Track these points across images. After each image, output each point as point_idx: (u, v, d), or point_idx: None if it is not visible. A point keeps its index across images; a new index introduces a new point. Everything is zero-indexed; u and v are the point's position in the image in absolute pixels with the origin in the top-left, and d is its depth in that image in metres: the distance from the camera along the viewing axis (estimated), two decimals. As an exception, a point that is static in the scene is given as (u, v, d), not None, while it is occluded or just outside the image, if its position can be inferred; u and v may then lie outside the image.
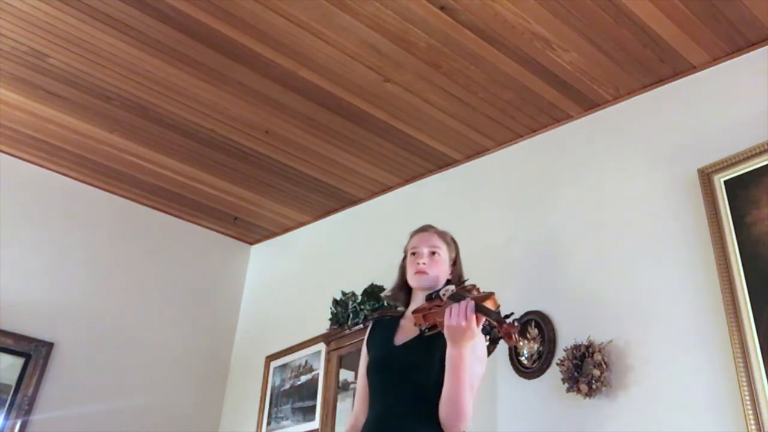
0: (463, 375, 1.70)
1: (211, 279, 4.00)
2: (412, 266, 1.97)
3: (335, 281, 3.17)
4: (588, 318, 2.40)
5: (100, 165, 3.47)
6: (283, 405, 3.38)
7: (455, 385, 1.70)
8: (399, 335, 1.95)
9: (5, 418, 3.06)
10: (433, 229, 2.08)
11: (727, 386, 1.99)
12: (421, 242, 2.01)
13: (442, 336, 1.76)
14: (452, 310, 1.69)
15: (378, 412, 1.83)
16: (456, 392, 1.70)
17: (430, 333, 1.81)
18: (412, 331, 1.89)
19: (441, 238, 2.04)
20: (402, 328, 1.97)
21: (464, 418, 1.71)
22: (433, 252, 1.98)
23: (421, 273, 1.95)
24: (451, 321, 1.67)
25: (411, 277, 1.98)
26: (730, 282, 2.07)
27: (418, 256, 1.97)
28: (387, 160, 3.27)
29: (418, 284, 1.96)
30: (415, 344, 1.86)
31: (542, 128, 2.93)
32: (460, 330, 1.66)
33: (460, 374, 1.69)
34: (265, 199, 3.72)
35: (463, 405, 1.70)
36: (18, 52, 2.71)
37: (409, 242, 2.07)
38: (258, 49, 2.59)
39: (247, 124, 3.07)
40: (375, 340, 2.00)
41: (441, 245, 2.01)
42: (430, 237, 2.03)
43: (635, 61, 2.50)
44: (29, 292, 3.31)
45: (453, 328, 1.67)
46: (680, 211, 2.32)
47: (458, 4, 2.31)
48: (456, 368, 1.70)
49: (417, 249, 1.99)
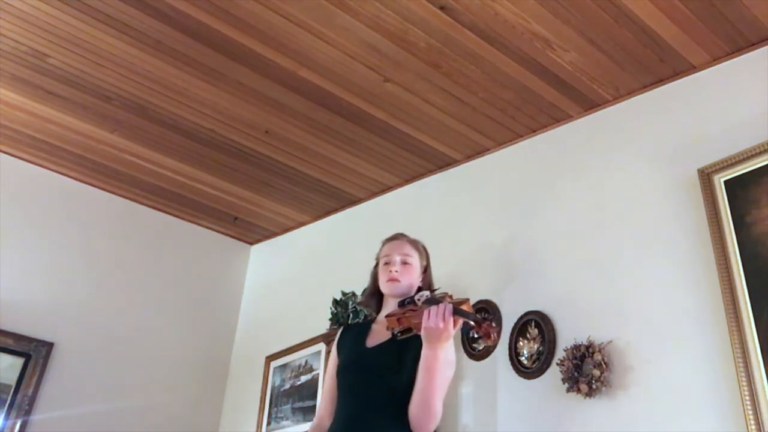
0: (436, 376, 1.75)
1: (211, 279, 4.00)
2: (384, 274, 2.05)
3: (335, 281, 3.17)
4: (588, 318, 2.40)
5: (100, 165, 3.47)
6: (283, 405, 3.38)
7: (428, 385, 1.75)
8: (370, 338, 2.00)
9: (5, 418, 3.06)
10: (405, 237, 2.16)
11: (727, 386, 1.99)
12: (393, 250, 2.08)
13: (414, 339, 1.83)
14: (431, 312, 1.75)
15: (348, 412, 1.86)
16: (428, 392, 1.75)
17: (402, 337, 1.87)
18: (384, 335, 1.95)
19: (413, 246, 2.12)
20: (374, 332, 2.03)
21: (434, 418, 1.76)
22: (405, 261, 2.05)
23: (394, 281, 2.02)
24: (429, 323, 1.73)
25: (383, 284, 2.05)
26: (730, 282, 2.07)
27: (390, 264, 2.05)
28: (387, 160, 3.27)
29: (391, 291, 2.02)
30: (387, 346, 1.92)
31: (542, 128, 2.93)
32: (438, 331, 1.72)
33: (433, 375, 1.75)
34: (265, 199, 3.72)
35: (435, 405, 1.75)
36: (18, 52, 2.71)
37: (381, 250, 2.15)
38: (258, 49, 2.59)
39: (247, 124, 3.07)
40: (346, 342, 2.05)
41: (413, 253, 2.09)
42: (402, 245, 2.10)
43: (635, 61, 2.50)
44: (29, 292, 3.31)
45: (431, 329, 1.73)
46: (680, 211, 2.32)
47: (458, 4, 2.31)
48: (430, 369, 1.75)
49: (389, 257, 2.07)
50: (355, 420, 1.84)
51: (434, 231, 3.08)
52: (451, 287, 2.24)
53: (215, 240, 4.08)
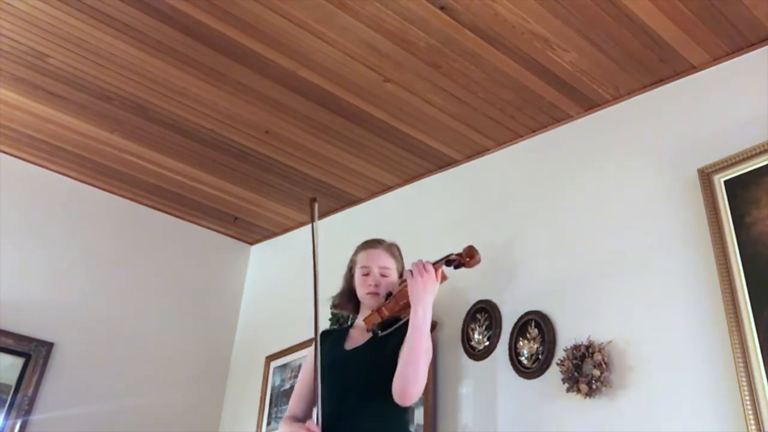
0: (422, 338, 1.78)
1: (211, 279, 3.99)
2: (364, 286, 2.07)
3: (335, 281, 3.17)
4: (588, 318, 2.40)
5: (100, 165, 3.47)
6: (283, 405, 3.38)
7: (416, 345, 1.77)
8: (348, 342, 2.04)
9: (5, 418, 3.06)
10: (382, 245, 2.17)
11: (727, 386, 1.99)
12: (372, 262, 2.10)
13: (392, 336, 1.88)
14: (413, 271, 1.85)
15: (331, 412, 1.86)
16: (416, 354, 1.77)
17: (383, 333, 1.92)
18: (363, 337, 2.00)
19: (390, 255, 2.16)
20: (351, 337, 2.07)
21: (420, 381, 1.77)
22: (383, 274, 2.08)
23: (374, 294, 2.04)
24: (415, 276, 1.82)
25: (363, 295, 2.08)
26: (730, 282, 2.07)
27: (370, 277, 2.07)
28: (387, 160, 3.27)
29: (371, 304, 2.05)
30: (367, 346, 1.96)
31: (542, 128, 2.93)
32: (423, 283, 1.81)
33: (420, 336, 1.78)
34: (265, 199, 3.72)
35: (421, 368, 1.77)
36: (18, 52, 2.71)
37: (357, 255, 2.16)
38: (258, 49, 2.59)
39: (247, 124, 3.07)
40: (326, 347, 2.06)
41: (391, 265, 2.14)
42: (379, 256, 2.12)
43: (635, 61, 2.50)
44: (29, 292, 3.31)
45: (419, 282, 1.81)
46: (680, 211, 2.32)
47: (458, 4, 2.31)
48: (418, 330, 1.78)
49: (368, 269, 2.08)
50: (336, 419, 1.85)
51: (434, 231, 3.09)
52: (451, 287, 2.25)
53: (215, 240, 4.08)
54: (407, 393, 1.76)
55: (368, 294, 2.05)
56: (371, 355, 1.92)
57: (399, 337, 1.86)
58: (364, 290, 2.07)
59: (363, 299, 2.09)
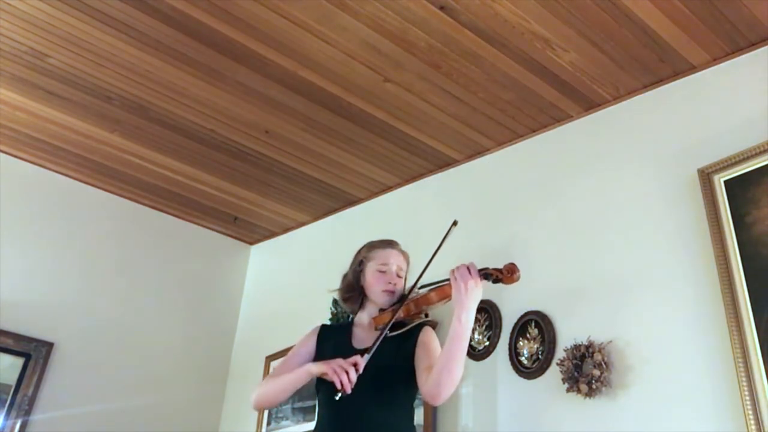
0: (463, 345, 1.76)
1: (210, 279, 3.99)
2: (381, 283, 2.04)
3: (335, 281, 3.17)
4: (588, 318, 2.40)
5: (100, 165, 3.47)
6: (283, 405, 3.38)
7: (456, 353, 1.75)
8: (356, 340, 2.01)
9: (5, 418, 3.06)
10: (398, 246, 2.15)
11: (727, 386, 1.99)
12: (392, 260, 2.08)
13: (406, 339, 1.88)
14: (457, 276, 1.79)
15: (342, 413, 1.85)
16: (455, 361, 1.75)
17: (392, 334, 1.88)
18: (370, 335, 1.96)
19: (405, 259, 2.14)
20: (357, 335, 2.04)
21: (454, 386, 1.77)
22: (399, 275, 2.07)
23: (390, 293, 2.02)
24: (459, 282, 1.77)
25: (378, 293, 2.04)
26: (730, 282, 2.07)
27: (388, 276, 2.04)
28: (387, 160, 3.27)
29: (385, 302, 2.02)
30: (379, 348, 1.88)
31: (542, 128, 2.93)
32: (467, 289, 1.76)
33: (461, 344, 1.75)
34: (265, 199, 3.72)
35: (457, 374, 1.76)
36: (18, 52, 2.71)
37: (374, 253, 2.12)
38: (258, 49, 2.59)
39: (247, 124, 3.07)
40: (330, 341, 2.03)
41: (405, 268, 2.13)
42: (398, 256, 2.12)
43: (635, 61, 2.50)
44: (29, 292, 3.30)
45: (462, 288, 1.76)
46: (680, 211, 2.32)
47: (458, 4, 2.31)
48: (458, 337, 1.75)
49: (387, 267, 2.05)
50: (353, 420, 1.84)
51: (434, 231, 3.08)
52: (451, 287, 2.24)
53: (215, 240, 4.08)
54: (440, 396, 1.76)
55: (384, 291, 2.02)
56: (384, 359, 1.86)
57: (412, 343, 1.87)
58: (380, 287, 2.03)
59: (375, 296, 2.05)
